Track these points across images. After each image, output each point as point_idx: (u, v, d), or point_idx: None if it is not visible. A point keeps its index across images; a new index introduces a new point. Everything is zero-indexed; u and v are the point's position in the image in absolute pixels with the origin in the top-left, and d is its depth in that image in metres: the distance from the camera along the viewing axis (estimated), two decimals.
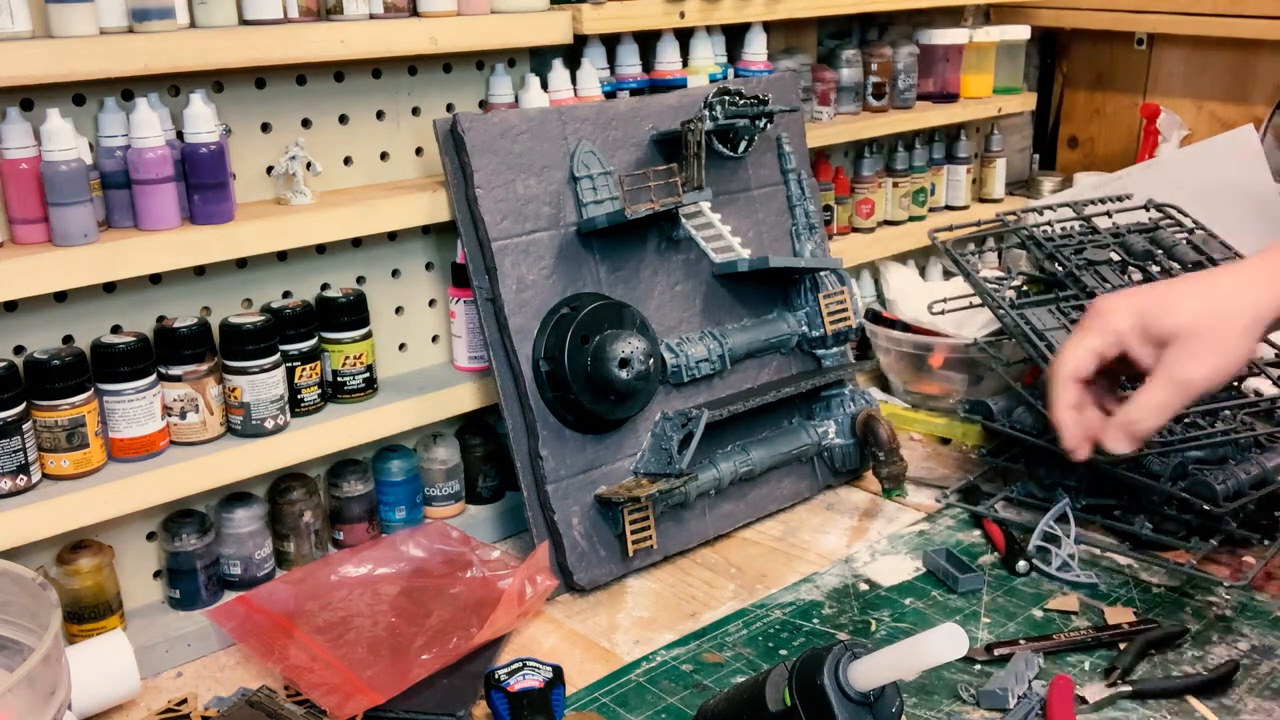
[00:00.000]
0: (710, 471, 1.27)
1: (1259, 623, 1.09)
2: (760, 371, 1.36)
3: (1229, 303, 1.01)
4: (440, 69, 1.29)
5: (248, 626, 1.09)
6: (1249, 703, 0.97)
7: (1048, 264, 1.49)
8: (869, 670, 0.80)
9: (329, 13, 1.14)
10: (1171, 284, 1.06)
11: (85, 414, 1.02)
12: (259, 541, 1.16)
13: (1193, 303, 1.02)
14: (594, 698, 1.01)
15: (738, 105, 1.29)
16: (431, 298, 1.32)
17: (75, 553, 1.05)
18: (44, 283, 0.98)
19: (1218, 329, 1.00)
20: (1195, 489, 1.19)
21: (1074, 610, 1.12)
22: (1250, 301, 1.01)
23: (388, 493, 1.26)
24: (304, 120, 1.20)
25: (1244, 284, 1.02)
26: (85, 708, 0.97)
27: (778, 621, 1.12)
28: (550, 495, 1.18)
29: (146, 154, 1.02)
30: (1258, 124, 1.81)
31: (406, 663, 1.03)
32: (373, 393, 1.23)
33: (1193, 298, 1.02)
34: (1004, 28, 1.85)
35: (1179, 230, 1.56)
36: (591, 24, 1.31)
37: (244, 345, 1.11)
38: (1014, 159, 2.07)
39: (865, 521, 1.33)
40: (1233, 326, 1.00)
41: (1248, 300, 1.01)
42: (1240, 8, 1.80)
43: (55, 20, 0.97)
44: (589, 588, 1.19)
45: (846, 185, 1.71)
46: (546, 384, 1.18)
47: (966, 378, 1.57)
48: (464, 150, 1.17)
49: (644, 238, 1.28)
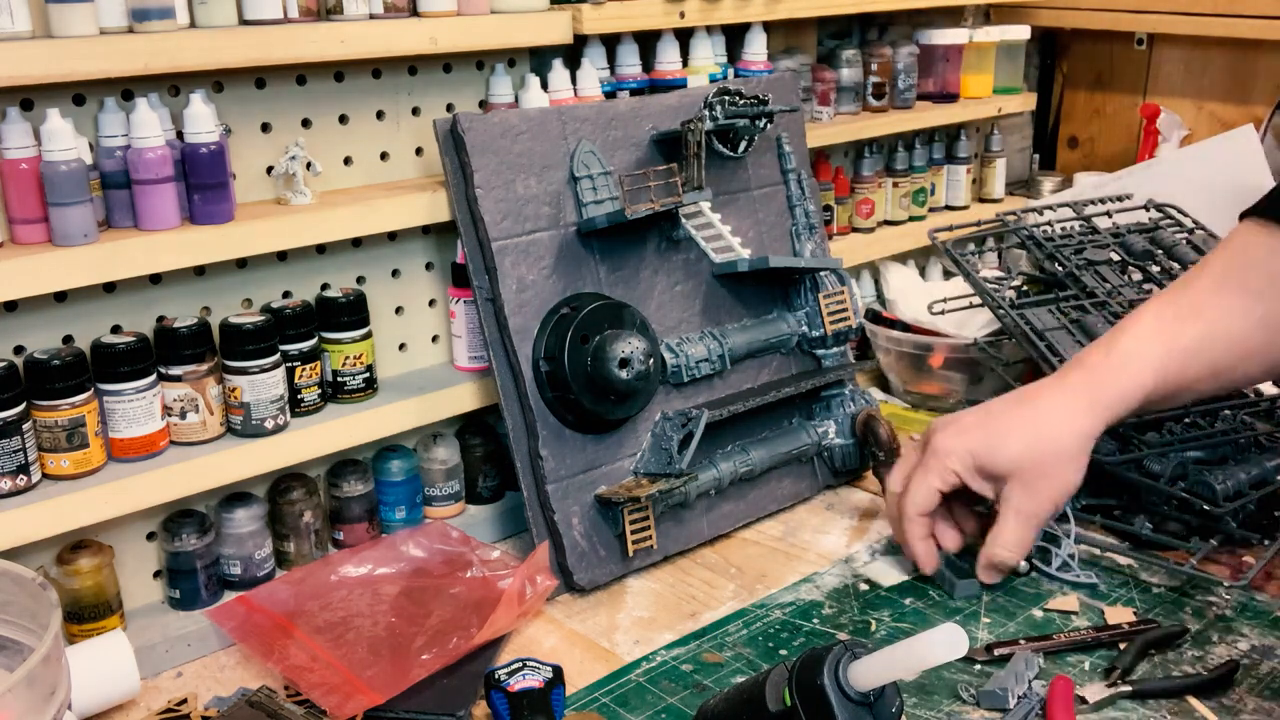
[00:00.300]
0: (710, 471, 1.27)
1: (1259, 623, 1.09)
2: (760, 371, 1.36)
3: (1057, 436, 1.06)
4: (440, 69, 1.29)
5: (248, 626, 1.09)
6: (1249, 703, 0.97)
7: (1048, 264, 1.49)
8: (869, 670, 0.80)
9: (329, 13, 1.14)
10: (998, 416, 1.10)
11: (85, 414, 1.02)
12: (259, 541, 1.16)
13: (1021, 440, 1.07)
14: (594, 698, 1.01)
15: (738, 105, 1.29)
16: (431, 298, 1.32)
17: (75, 553, 1.05)
18: (44, 283, 0.98)
19: (1048, 463, 1.06)
20: (1195, 489, 1.19)
21: (1074, 610, 1.12)
22: (1075, 431, 1.06)
23: (388, 493, 1.26)
24: (304, 120, 1.20)
25: (1067, 413, 1.06)
26: (85, 708, 0.97)
27: (778, 621, 1.12)
28: (550, 495, 1.18)
29: (146, 154, 1.02)
30: (1258, 124, 1.81)
31: (406, 663, 1.03)
32: (373, 393, 1.23)
33: (1021, 435, 1.07)
34: (1004, 28, 1.85)
35: (1179, 230, 1.56)
36: (591, 24, 1.31)
37: (244, 345, 1.11)
38: (1014, 159, 2.07)
39: (865, 521, 1.33)
40: (1062, 457, 1.06)
41: (1073, 429, 1.06)
42: (1240, 8, 1.80)
43: (55, 20, 0.97)
44: (589, 588, 1.19)
45: (846, 185, 1.71)
46: (546, 384, 1.18)
47: (966, 378, 1.57)
48: (464, 150, 1.17)
49: (644, 238, 1.28)
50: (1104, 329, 1.32)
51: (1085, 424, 1.06)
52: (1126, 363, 1.06)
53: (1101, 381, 1.06)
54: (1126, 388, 1.06)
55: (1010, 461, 1.07)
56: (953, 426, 1.12)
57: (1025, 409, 1.09)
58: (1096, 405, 1.06)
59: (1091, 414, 1.06)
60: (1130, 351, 1.06)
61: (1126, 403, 1.06)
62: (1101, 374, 1.07)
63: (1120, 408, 1.06)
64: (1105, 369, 1.07)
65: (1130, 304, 1.38)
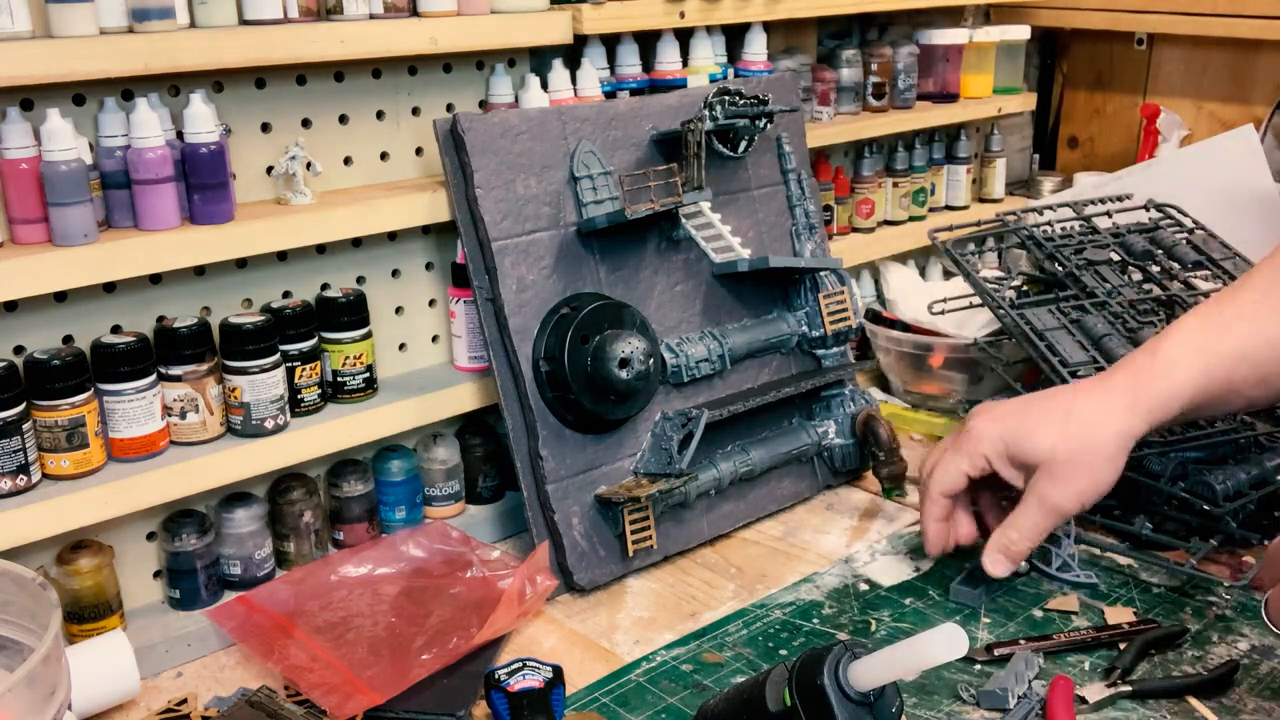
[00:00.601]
0: (710, 471, 1.27)
1: (1259, 623, 1.09)
2: (760, 371, 1.36)
3: (1094, 431, 1.04)
4: (440, 69, 1.29)
5: (248, 626, 1.09)
6: (1249, 703, 0.97)
7: (1048, 264, 1.49)
8: (869, 670, 0.80)
9: (329, 13, 1.14)
10: (1036, 407, 1.09)
11: (85, 414, 1.02)
12: (259, 541, 1.16)
13: (1057, 431, 1.05)
14: (594, 698, 1.01)
15: (738, 105, 1.29)
16: (431, 298, 1.32)
17: (75, 553, 1.05)
18: (44, 283, 0.98)
19: (1082, 457, 1.04)
20: (1195, 489, 1.19)
21: (1074, 610, 1.12)
22: (1114, 429, 1.04)
23: (388, 493, 1.26)
24: (304, 120, 1.20)
25: (1107, 411, 1.04)
26: (85, 708, 0.97)
27: (778, 621, 1.12)
28: (550, 495, 1.18)
29: (146, 154, 1.02)
30: (1258, 124, 1.81)
31: (406, 663, 1.03)
32: (373, 393, 1.23)
33: (1057, 426, 1.05)
34: (1004, 28, 1.85)
35: (1179, 230, 1.56)
36: (591, 24, 1.31)
37: (244, 345, 1.11)
38: (1014, 159, 2.07)
39: (865, 521, 1.33)
40: (1097, 453, 1.04)
41: (1112, 427, 1.04)
42: (1240, 8, 1.80)
43: (55, 20, 0.97)
44: (589, 588, 1.19)
45: (846, 185, 1.71)
46: (546, 384, 1.18)
47: (966, 378, 1.57)
48: (464, 150, 1.17)
49: (644, 238, 1.28)
50: (1104, 329, 1.32)
51: (1125, 423, 1.04)
52: (1170, 367, 1.04)
53: (1144, 384, 1.04)
54: (1169, 391, 1.04)
55: (1043, 451, 1.05)
56: (990, 413, 1.11)
57: (1064, 401, 1.07)
58: (1138, 407, 1.04)
59: (1132, 414, 1.04)
60: (1174, 356, 1.04)
61: (1168, 407, 1.04)
62: (1145, 376, 1.05)
63: (1162, 412, 1.04)
64: (1149, 372, 1.05)
65: (1130, 304, 1.38)
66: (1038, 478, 1.06)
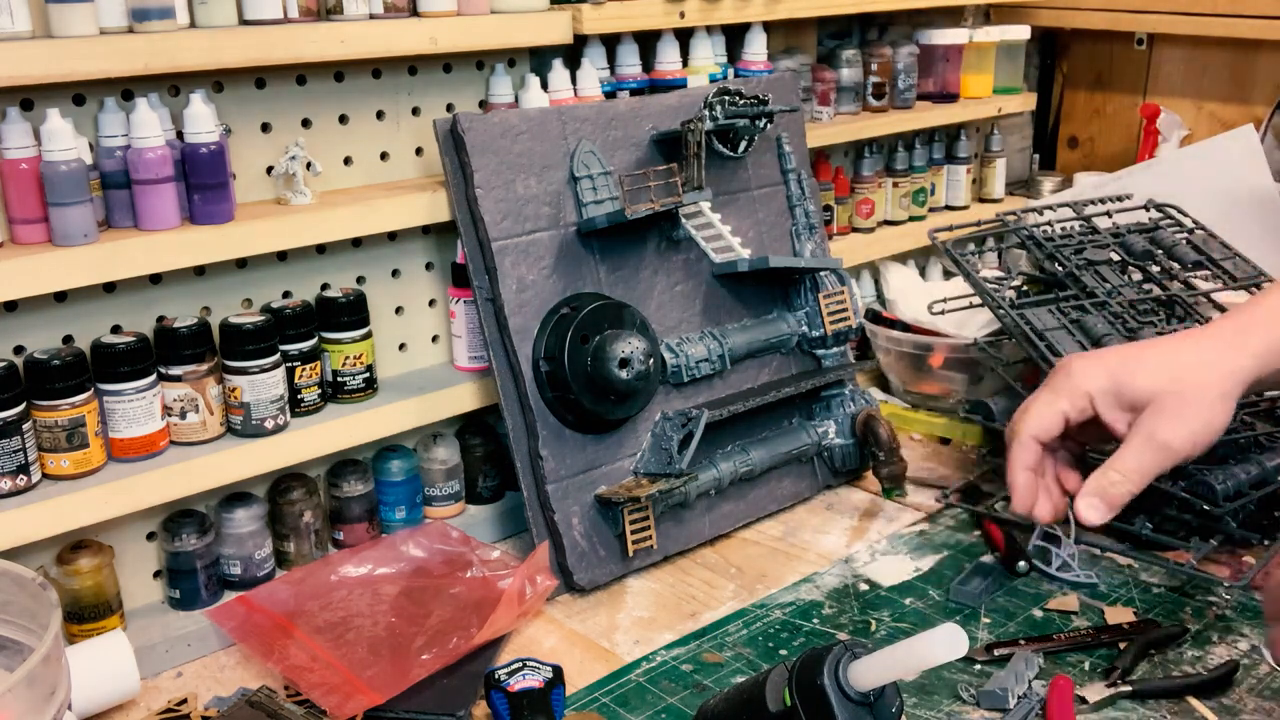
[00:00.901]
0: (710, 471, 1.27)
1: (1259, 623, 1.09)
2: (760, 371, 1.36)
3: (1205, 368, 0.99)
4: (440, 69, 1.29)
5: (248, 626, 1.09)
6: (1249, 703, 0.97)
7: (1048, 264, 1.49)
8: (869, 670, 0.80)
9: (329, 13, 1.14)
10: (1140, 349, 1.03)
11: (85, 414, 1.02)
12: (259, 541, 1.16)
13: (1167, 367, 0.99)
14: (594, 698, 1.01)
15: (738, 105, 1.29)
16: (431, 298, 1.32)
17: (75, 553, 1.05)
18: (44, 283, 0.98)
19: (1194, 393, 0.98)
20: (1195, 489, 1.19)
21: (1074, 610, 1.12)
22: (1226, 368, 0.99)
23: (388, 493, 1.26)
24: (304, 120, 1.20)
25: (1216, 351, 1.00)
26: (85, 708, 0.97)
27: (778, 621, 1.12)
28: (550, 495, 1.18)
29: (146, 154, 1.02)
30: (1258, 124, 1.81)
31: (406, 663, 1.03)
32: (373, 393, 1.23)
33: (1167, 362, 1.00)
34: (1004, 28, 1.85)
35: (1179, 230, 1.56)
36: (591, 24, 1.31)
37: (244, 345, 1.11)
38: (1014, 159, 2.07)
39: (865, 521, 1.33)
40: (1209, 390, 0.98)
41: (1223, 366, 0.99)
42: (1240, 8, 1.80)
43: (55, 20, 0.97)
44: (589, 588, 1.19)
45: (846, 185, 1.71)
46: (546, 384, 1.18)
47: (966, 378, 1.57)
48: (464, 150, 1.17)
49: (644, 238, 1.28)
50: (1104, 329, 1.32)
51: (1237, 363, 0.98)
52: (1272, 316, 1.00)
53: (1250, 328, 1.00)
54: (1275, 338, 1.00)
55: (1153, 387, 0.98)
56: (1090, 356, 1.04)
57: (1168, 344, 1.02)
58: (1245, 349, 0.99)
59: (1242, 355, 0.99)
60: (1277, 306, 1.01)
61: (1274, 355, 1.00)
62: (1249, 323, 1.01)
63: (1269, 358, 1.00)
64: (1252, 320, 1.01)
65: (1130, 304, 1.38)
66: (1145, 415, 0.98)
